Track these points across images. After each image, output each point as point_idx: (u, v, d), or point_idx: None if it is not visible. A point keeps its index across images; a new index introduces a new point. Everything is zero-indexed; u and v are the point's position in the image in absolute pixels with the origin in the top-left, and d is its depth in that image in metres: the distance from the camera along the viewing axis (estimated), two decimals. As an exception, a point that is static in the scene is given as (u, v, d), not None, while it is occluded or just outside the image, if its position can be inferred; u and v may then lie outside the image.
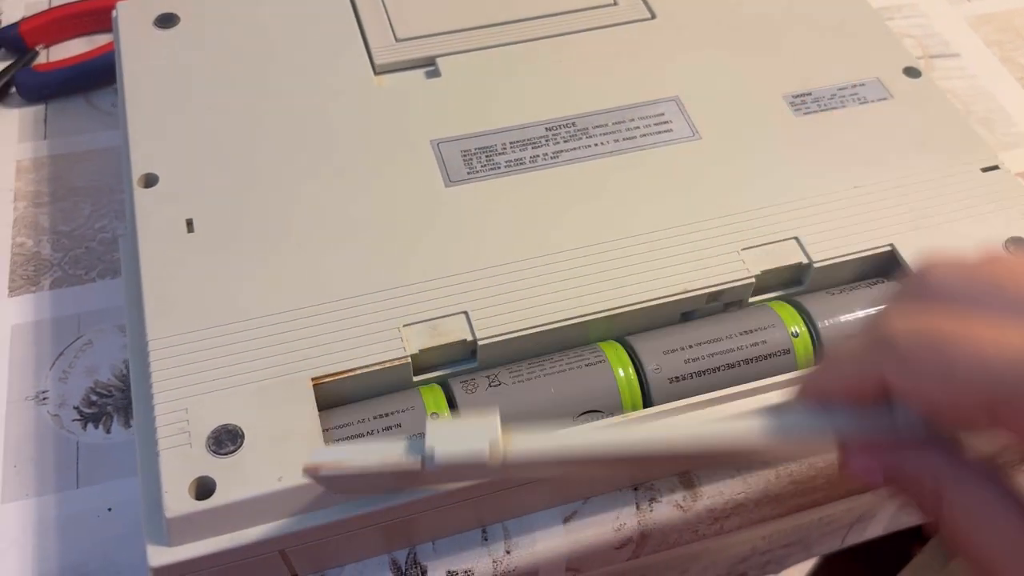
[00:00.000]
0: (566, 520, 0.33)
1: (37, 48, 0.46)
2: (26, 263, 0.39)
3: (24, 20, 0.46)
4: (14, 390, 0.35)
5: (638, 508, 0.33)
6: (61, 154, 0.42)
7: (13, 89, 0.45)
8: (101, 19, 0.47)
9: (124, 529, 0.32)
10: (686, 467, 0.34)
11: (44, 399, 0.35)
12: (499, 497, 0.31)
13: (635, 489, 0.34)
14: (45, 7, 0.48)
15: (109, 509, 0.32)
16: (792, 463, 0.35)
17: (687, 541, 0.35)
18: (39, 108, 0.44)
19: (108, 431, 0.34)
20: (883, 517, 0.44)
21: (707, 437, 0.24)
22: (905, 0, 0.51)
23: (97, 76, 0.44)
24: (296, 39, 0.39)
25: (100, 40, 0.47)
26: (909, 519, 0.44)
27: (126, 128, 0.36)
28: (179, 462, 0.28)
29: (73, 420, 0.34)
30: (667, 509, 0.33)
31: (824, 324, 0.32)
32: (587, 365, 0.31)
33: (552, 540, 0.32)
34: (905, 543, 0.53)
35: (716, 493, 0.34)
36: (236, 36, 0.39)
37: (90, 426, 0.34)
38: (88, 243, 0.39)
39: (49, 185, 0.41)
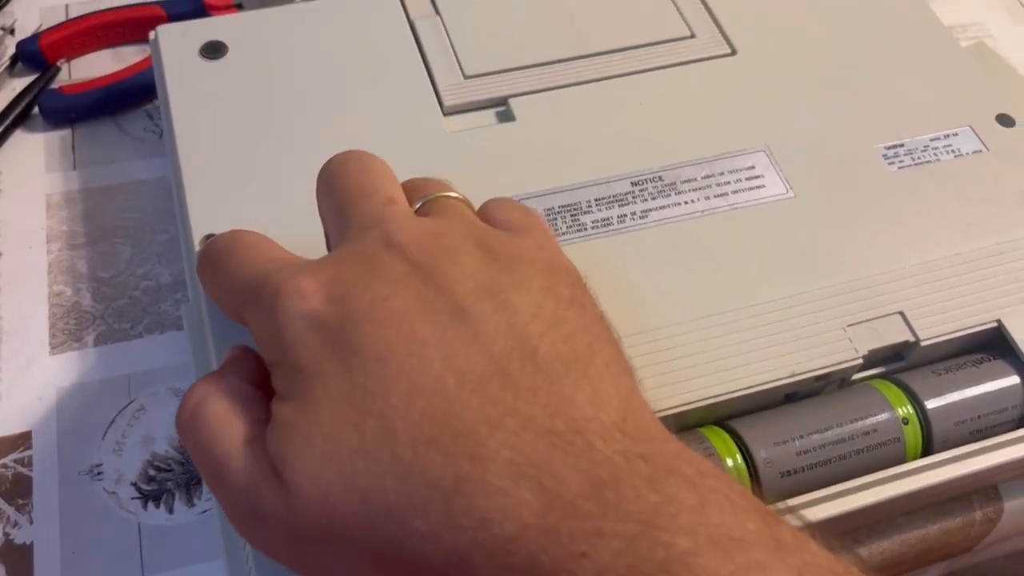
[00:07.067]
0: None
1: (59, 63, 0.42)
2: (67, 315, 0.36)
3: (44, 33, 0.42)
4: (66, 464, 0.33)
5: None
6: (94, 187, 0.39)
7: (36, 110, 0.41)
8: (126, 31, 0.43)
9: (197, 625, 0.30)
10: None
11: (99, 474, 0.33)
12: None
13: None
14: (61, 14, 0.45)
15: (179, 601, 0.31)
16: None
17: None
18: (65, 133, 0.41)
19: (171, 511, 0.32)
20: None
21: None
22: (971, 19, 0.49)
23: (127, 98, 0.41)
24: (356, 76, 0.36)
25: (125, 53, 0.44)
26: None
27: (180, 178, 0.33)
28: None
29: (132, 498, 0.32)
30: None
31: (933, 407, 0.31)
32: (695, 459, 0.29)
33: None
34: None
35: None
36: (291, 71, 0.36)
37: (151, 505, 0.32)
38: (131, 292, 0.37)
39: (84, 224, 0.38)
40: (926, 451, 0.31)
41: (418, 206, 0.26)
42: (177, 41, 0.37)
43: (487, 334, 0.22)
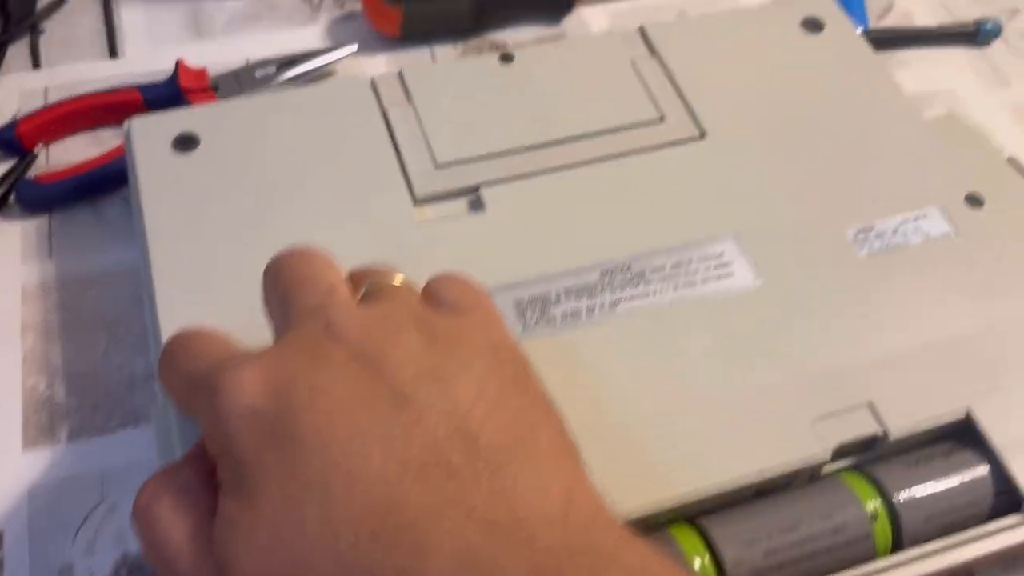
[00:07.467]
0: None
1: (36, 149, 0.43)
2: (40, 410, 0.36)
3: (22, 120, 0.42)
4: (37, 565, 0.33)
5: None
6: (70, 277, 0.40)
7: (12, 197, 0.41)
8: (104, 114, 0.44)
9: None
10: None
11: (70, 576, 0.33)
12: None
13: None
14: (40, 98, 0.45)
15: None
16: None
17: None
18: (42, 220, 0.41)
19: (142, 613, 0.32)
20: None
21: None
22: (943, 86, 0.49)
23: (105, 184, 0.41)
24: (328, 166, 0.37)
25: (103, 136, 0.44)
26: None
27: (150, 273, 0.33)
28: None
29: (104, 601, 0.32)
30: None
31: (901, 502, 0.31)
32: (663, 562, 0.29)
33: None
34: None
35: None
36: (263, 162, 0.37)
37: (122, 608, 0.32)
38: (106, 385, 0.37)
39: (59, 314, 0.38)
40: (896, 545, 0.31)
41: (361, 294, 0.26)
42: (149, 134, 0.37)
43: (428, 421, 0.22)
